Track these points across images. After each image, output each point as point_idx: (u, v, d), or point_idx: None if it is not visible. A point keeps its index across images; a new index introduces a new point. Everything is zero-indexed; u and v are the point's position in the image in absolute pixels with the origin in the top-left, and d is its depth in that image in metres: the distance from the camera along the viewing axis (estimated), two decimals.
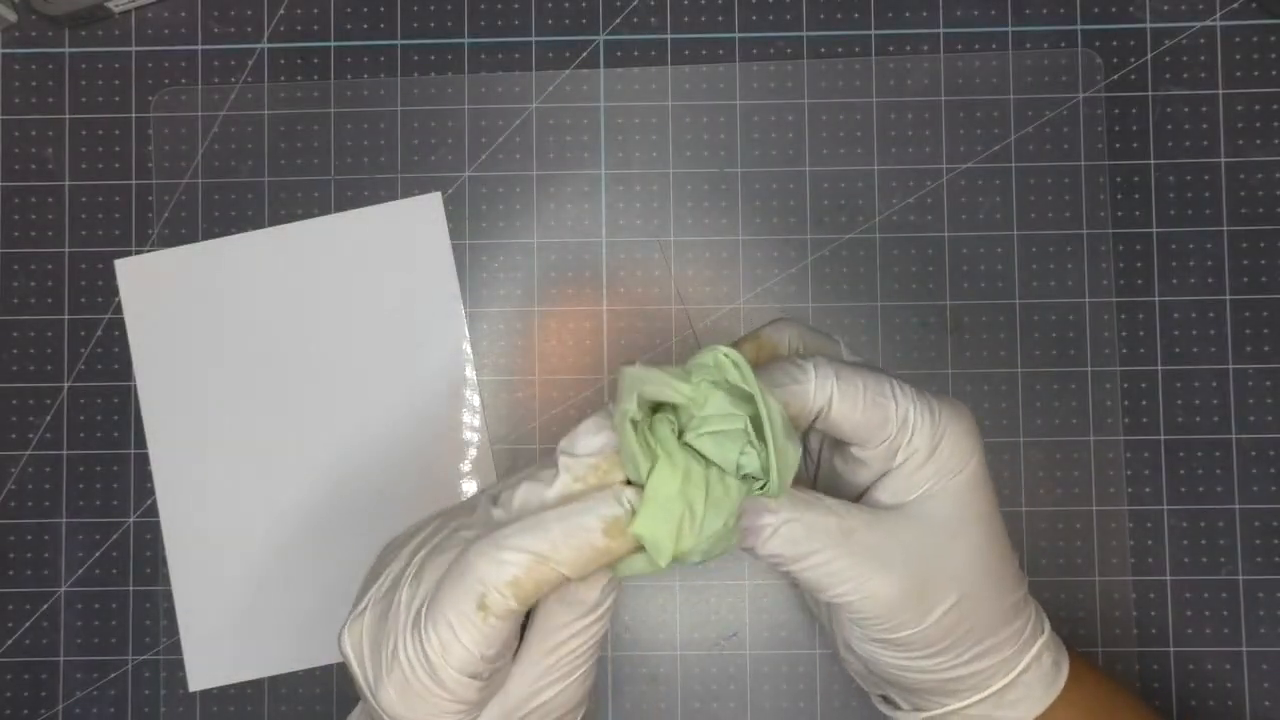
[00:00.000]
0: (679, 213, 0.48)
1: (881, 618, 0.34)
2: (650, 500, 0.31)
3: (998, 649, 0.36)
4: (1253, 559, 0.47)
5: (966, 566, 0.34)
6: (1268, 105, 0.48)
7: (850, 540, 0.33)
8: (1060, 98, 0.48)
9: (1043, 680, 0.37)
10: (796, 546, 0.33)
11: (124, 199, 0.48)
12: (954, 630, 0.34)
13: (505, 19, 0.49)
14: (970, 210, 0.48)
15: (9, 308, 0.48)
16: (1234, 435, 0.47)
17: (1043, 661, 0.37)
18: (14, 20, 0.49)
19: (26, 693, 0.47)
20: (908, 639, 0.34)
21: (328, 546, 0.47)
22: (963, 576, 0.34)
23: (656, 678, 0.47)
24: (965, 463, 0.35)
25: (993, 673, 0.36)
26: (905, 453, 0.34)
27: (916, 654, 0.35)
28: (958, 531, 0.34)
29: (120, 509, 0.48)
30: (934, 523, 0.34)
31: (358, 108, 0.48)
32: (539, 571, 0.31)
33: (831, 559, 0.33)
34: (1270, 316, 0.47)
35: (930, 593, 0.34)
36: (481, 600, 0.31)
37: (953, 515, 0.34)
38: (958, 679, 0.36)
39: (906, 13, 0.48)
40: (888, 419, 0.34)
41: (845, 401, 0.33)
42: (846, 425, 0.34)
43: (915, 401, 0.34)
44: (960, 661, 0.35)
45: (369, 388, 0.48)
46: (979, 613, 0.35)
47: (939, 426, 0.34)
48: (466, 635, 0.31)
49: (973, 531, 0.35)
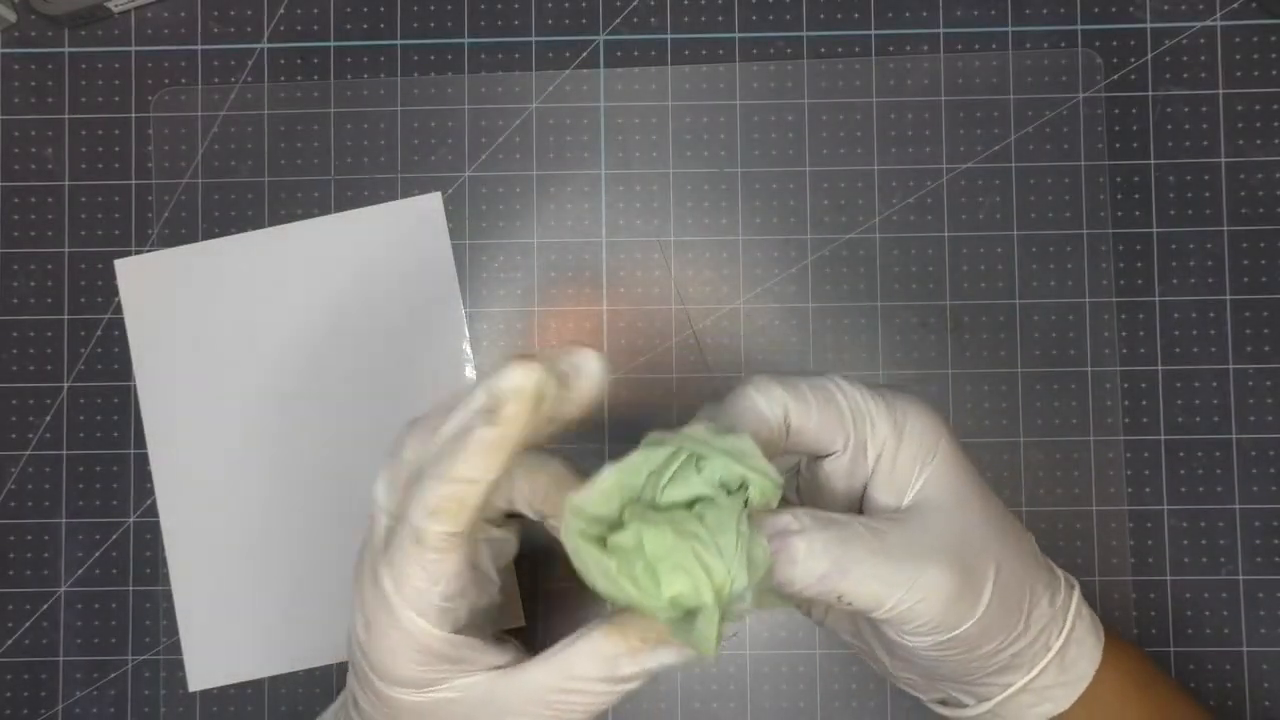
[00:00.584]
0: (679, 213, 0.48)
1: (938, 617, 0.33)
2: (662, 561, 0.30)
3: (1047, 600, 0.35)
4: (1253, 559, 0.47)
5: (986, 539, 0.34)
6: (1268, 105, 0.48)
7: (886, 543, 0.33)
8: (1060, 98, 0.48)
9: (1092, 630, 0.36)
10: (838, 561, 0.32)
11: (124, 199, 0.48)
12: (1007, 600, 0.34)
13: (505, 19, 0.49)
14: (970, 210, 0.48)
15: (9, 308, 0.48)
16: (1234, 435, 0.47)
17: (1084, 613, 0.36)
18: (14, 20, 0.49)
19: (26, 693, 0.47)
20: (967, 631, 0.33)
21: (328, 546, 0.47)
22: (990, 545, 0.34)
23: (656, 678, 0.47)
24: (934, 443, 0.34)
25: (1050, 632, 0.35)
26: (874, 447, 0.34)
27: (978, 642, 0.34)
28: (964, 506, 0.34)
29: (120, 509, 0.48)
30: (938, 505, 0.34)
31: (358, 108, 0.48)
32: (450, 489, 0.31)
33: (876, 566, 0.32)
34: (1270, 316, 0.47)
35: (975, 572, 0.33)
36: (418, 535, 0.32)
37: (950, 492, 0.34)
38: (1020, 651, 0.35)
39: (906, 13, 0.48)
40: (841, 412, 0.34)
41: (798, 406, 0.33)
42: (809, 431, 0.34)
43: (862, 391, 0.34)
44: (1019, 630, 0.35)
45: (369, 387, 0.48)
46: (1019, 573, 0.35)
47: (895, 411, 0.34)
48: (413, 574, 0.32)
49: (976, 502, 0.35)
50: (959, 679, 0.36)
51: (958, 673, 0.35)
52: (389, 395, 0.48)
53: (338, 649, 0.47)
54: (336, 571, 0.47)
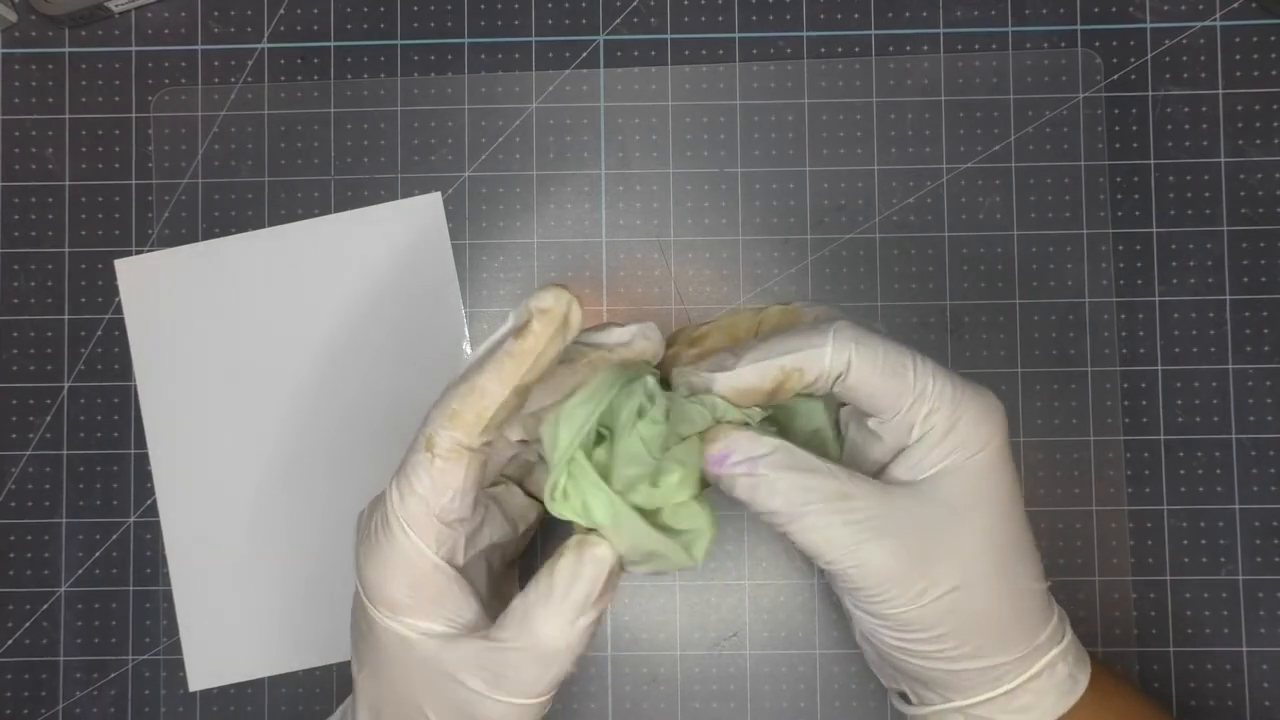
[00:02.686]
0: (679, 213, 0.48)
1: (873, 589, 0.34)
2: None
3: (1005, 647, 0.35)
4: (1253, 559, 0.47)
5: (972, 551, 0.34)
6: (1268, 105, 0.48)
7: (848, 505, 0.33)
8: (1060, 98, 0.48)
9: (1056, 689, 0.36)
10: (792, 505, 0.33)
11: (124, 199, 0.48)
12: (952, 616, 0.34)
13: (505, 19, 0.49)
14: (970, 210, 0.48)
15: (9, 308, 0.48)
16: (1234, 435, 0.47)
17: (1057, 671, 0.36)
18: (14, 20, 0.49)
19: (26, 693, 0.47)
20: (902, 616, 0.34)
21: (327, 546, 0.47)
22: (966, 561, 0.34)
23: (656, 678, 0.47)
24: (984, 444, 0.34)
25: (1000, 673, 0.35)
26: (922, 428, 0.34)
27: (915, 635, 0.35)
28: (967, 513, 0.34)
29: (120, 509, 0.48)
30: (943, 500, 0.34)
31: (358, 108, 0.48)
32: (472, 399, 0.33)
33: (827, 524, 0.33)
34: (1270, 316, 0.47)
35: (927, 571, 0.34)
36: (429, 441, 0.33)
37: (964, 494, 0.34)
38: (960, 672, 0.35)
39: (906, 13, 0.48)
40: (904, 389, 0.34)
41: (864, 367, 0.34)
42: (864, 392, 0.34)
43: (935, 376, 0.34)
44: (961, 653, 0.35)
45: (368, 388, 0.48)
46: (982, 603, 0.34)
47: (958, 404, 0.34)
48: (418, 481, 0.33)
49: (983, 513, 0.34)
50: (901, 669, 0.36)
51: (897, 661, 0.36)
52: (389, 395, 0.48)
53: (338, 649, 0.47)
54: (337, 571, 0.47)
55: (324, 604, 0.47)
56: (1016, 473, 0.36)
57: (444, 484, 0.33)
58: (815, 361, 0.34)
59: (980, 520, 0.34)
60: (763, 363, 0.34)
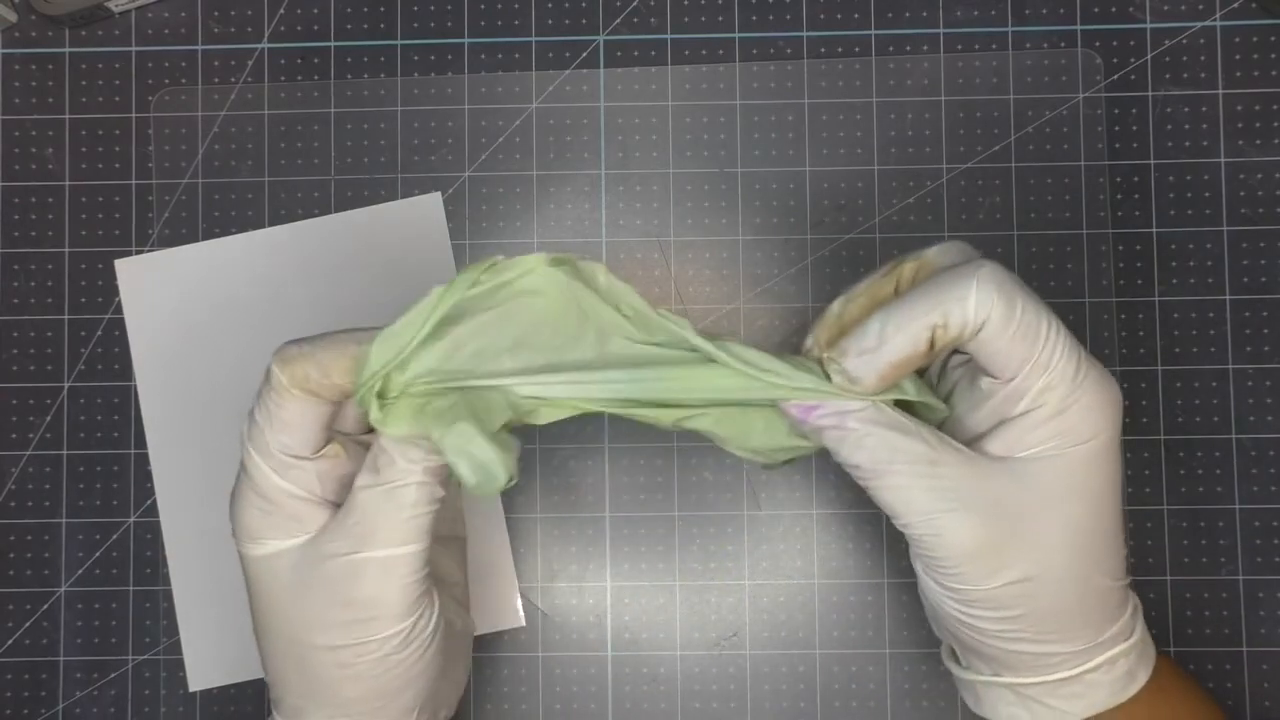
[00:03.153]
0: (679, 213, 0.48)
1: (944, 561, 0.33)
2: None
3: (1067, 639, 0.34)
4: (1253, 559, 0.47)
5: (1055, 542, 0.33)
6: (1268, 105, 0.48)
7: (934, 472, 0.32)
8: (1060, 98, 0.48)
9: (1110, 686, 0.35)
10: (877, 462, 0.33)
11: (124, 199, 0.48)
12: (1020, 602, 0.33)
13: (505, 19, 0.49)
14: (970, 210, 0.48)
15: (9, 308, 0.48)
16: (1234, 435, 0.47)
17: (1115, 667, 0.35)
18: (14, 20, 0.49)
19: (26, 693, 0.47)
20: (970, 593, 0.33)
21: None
22: (1046, 552, 0.33)
23: (656, 678, 0.47)
24: (1092, 435, 0.33)
25: (1058, 661, 0.34)
26: (1032, 401, 0.33)
27: (978, 612, 0.34)
28: (1058, 502, 0.33)
29: (120, 509, 0.48)
30: (1035, 486, 0.33)
31: (358, 108, 0.48)
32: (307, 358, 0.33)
33: (909, 485, 0.32)
34: (1270, 316, 0.47)
35: (1004, 554, 0.33)
36: (267, 372, 0.34)
37: (1058, 484, 0.33)
38: (1018, 654, 0.34)
39: (906, 13, 0.48)
40: (1031, 354, 0.32)
41: (1000, 321, 0.32)
42: (992, 348, 0.33)
43: (1063, 349, 0.33)
44: (1022, 637, 0.34)
45: None
46: (1055, 594, 0.33)
47: (1077, 387, 0.33)
48: (258, 409, 0.34)
49: (1075, 507, 0.33)
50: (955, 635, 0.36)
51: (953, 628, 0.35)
52: None
53: None
54: None
55: None
56: (1120, 467, 0.34)
57: (274, 414, 0.34)
58: (959, 312, 0.32)
59: (1070, 512, 0.33)
60: (908, 327, 0.32)
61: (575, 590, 0.47)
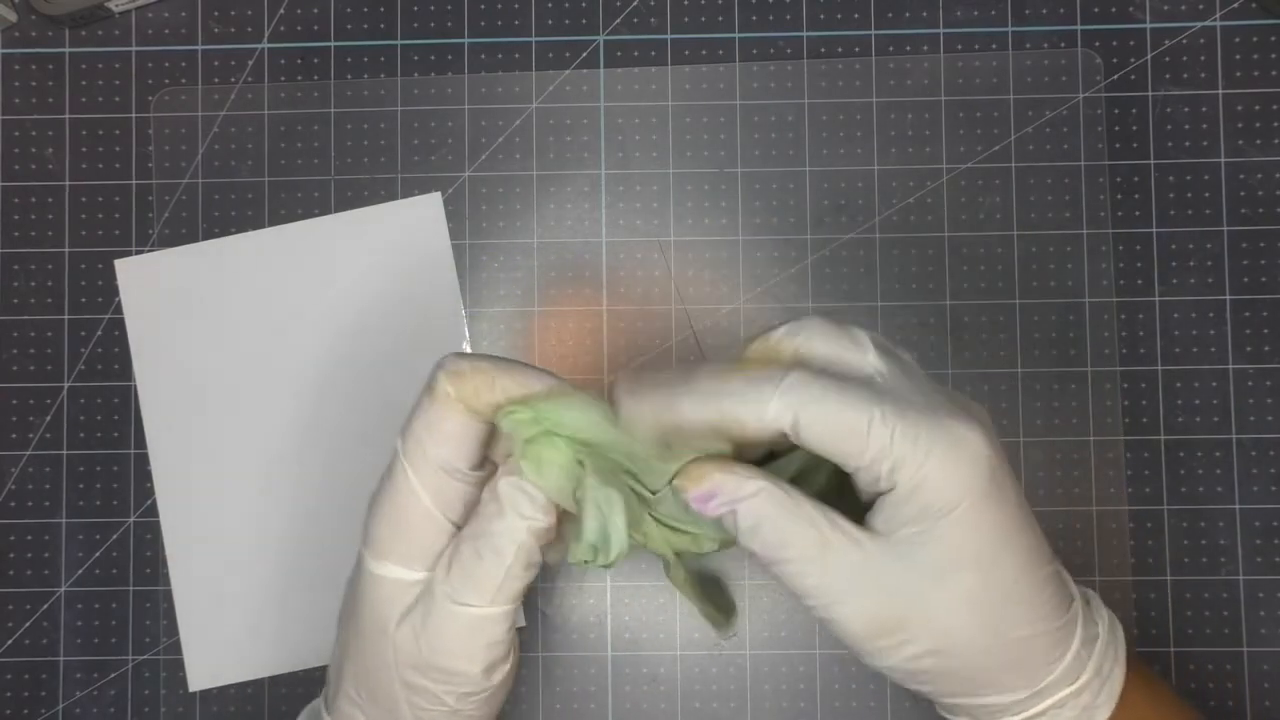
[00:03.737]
0: (679, 213, 0.48)
1: (846, 641, 0.33)
2: None
3: (1001, 691, 0.33)
4: (1253, 559, 0.47)
5: (951, 616, 0.32)
6: (1268, 105, 0.48)
7: (825, 556, 0.32)
8: (1060, 98, 0.48)
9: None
10: (769, 549, 0.32)
11: (124, 199, 0.48)
12: (931, 673, 0.33)
13: (505, 19, 0.49)
14: (970, 210, 0.48)
15: (9, 308, 0.48)
16: (1234, 435, 0.47)
17: (1065, 710, 0.34)
18: (14, 20, 0.49)
19: (26, 693, 0.47)
20: (882, 668, 0.33)
21: (327, 546, 0.47)
22: (947, 625, 0.32)
23: (656, 678, 0.47)
24: (957, 501, 0.31)
25: (1000, 709, 0.34)
26: (886, 482, 0.32)
27: (900, 679, 0.34)
28: (944, 577, 0.32)
29: (120, 509, 0.48)
30: (918, 564, 0.32)
31: (358, 108, 0.48)
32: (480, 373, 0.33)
33: (803, 572, 0.32)
34: (1270, 316, 0.47)
35: (903, 633, 0.32)
36: (431, 383, 0.33)
37: (939, 560, 0.32)
38: (960, 705, 0.34)
39: (906, 13, 0.48)
40: (859, 449, 0.31)
41: (813, 426, 0.31)
42: (816, 448, 0.32)
43: (898, 430, 0.31)
44: (952, 696, 0.34)
45: (368, 388, 0.48)
46: (968, 658, 0.33)
47: (926, 458, 0.31)
48: (417, 419, 0.33)
49: (963, 578, 0.32)
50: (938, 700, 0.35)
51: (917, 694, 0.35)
52: (388, 395, 0.48)
53: None
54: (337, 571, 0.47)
55: (324, 604, 0.47)
56: (1013, 500, 0.33)
57: (442, 432, 0.33)
58: (755, 415, 0.31)
59: (962, 582, 0.32)
60: (703, 406, 0.32)
61: (575, 590, 0.47)
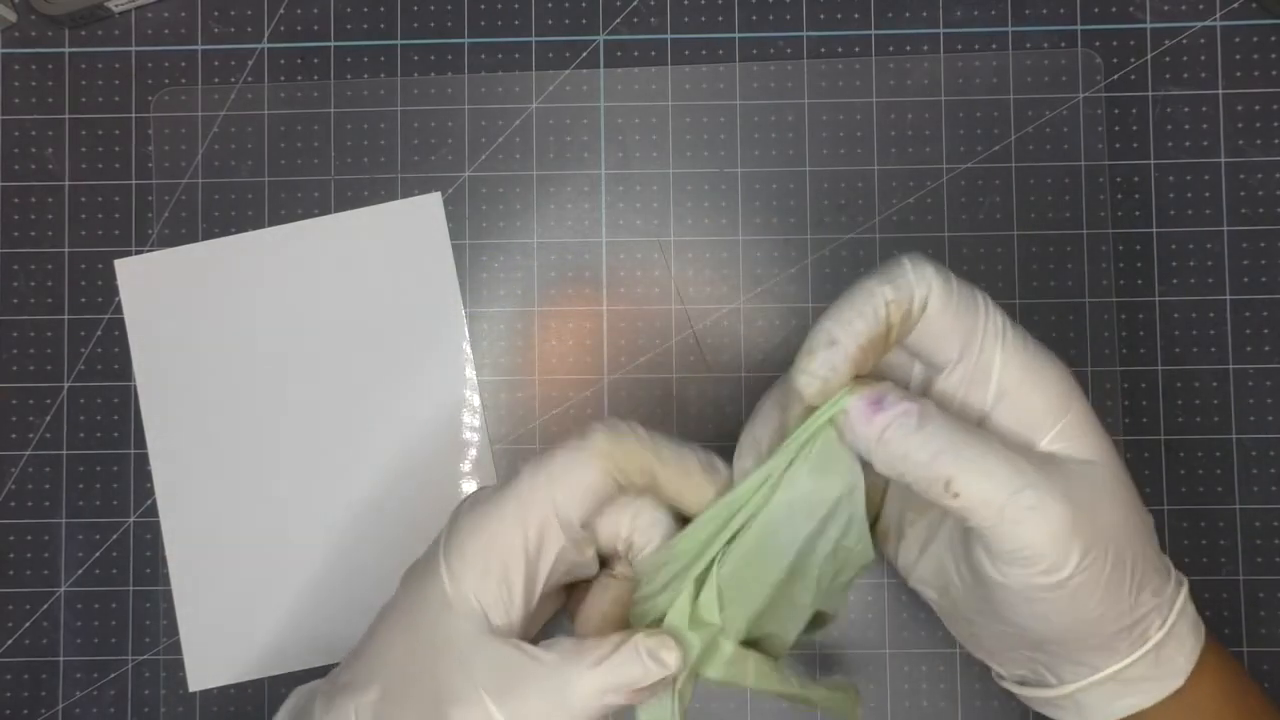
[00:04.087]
0: (679, 213, 0.48)
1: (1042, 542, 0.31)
2: None
3: (1153, 589, 0.34)
4: (1253, 559, 0.47)
5: (1114, 501, 0.33)
6: (1268, 105, 0.48)
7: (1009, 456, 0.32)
8: (1060, 98, 0.48)
9: (1193, 631, 0.35)
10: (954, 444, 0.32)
11: (124, 199, 0.48)
12: (1118, 569, 0.33)
13: (505, 19, 0.49)
14: (970, 210, 0.48)
15: (9, 308, 0.48)
16: (1234, 435, 0.47)
17: (1188, 611, 0.35)
18: (14, 20, 0.49)
19: (26, 693, 0.47)
20: (1069, 581, 0.32)
21: (327, 546, 0.47)
22: (1114, 510, 0.33)
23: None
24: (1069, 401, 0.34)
25: (1151, 621, 0.34)
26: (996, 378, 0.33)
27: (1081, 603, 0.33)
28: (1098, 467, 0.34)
29: (120, 509, 0.48)
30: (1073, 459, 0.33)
31: (358, 108, 0.48)
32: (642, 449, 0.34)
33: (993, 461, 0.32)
34: (1270, 316, 0.47)
35: (1090, 522, 0.32)
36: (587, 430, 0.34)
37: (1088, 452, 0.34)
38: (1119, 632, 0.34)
39: (906, 13, 0.48)
40: (976, 323, 0.33)
41: (943, 293, 0.33)
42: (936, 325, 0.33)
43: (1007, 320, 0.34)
44: (1124, 607, 0.33)
45: (368, 387, 0.48)
46: (1133, 549, 0.33)
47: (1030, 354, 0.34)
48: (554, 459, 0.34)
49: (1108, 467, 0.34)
50: (1050, 647, 0.34)
51: (1051, 637, 0.34)
52: (388, 395, 0.48)
53: (338, 649, 0.47)
54: (337, 571, 0.47)
55: (324, 604, 0.47)
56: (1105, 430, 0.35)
57: (572, 476, 0.33)
58: (904, 285, 0.33)
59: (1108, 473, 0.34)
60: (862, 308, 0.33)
61: None
